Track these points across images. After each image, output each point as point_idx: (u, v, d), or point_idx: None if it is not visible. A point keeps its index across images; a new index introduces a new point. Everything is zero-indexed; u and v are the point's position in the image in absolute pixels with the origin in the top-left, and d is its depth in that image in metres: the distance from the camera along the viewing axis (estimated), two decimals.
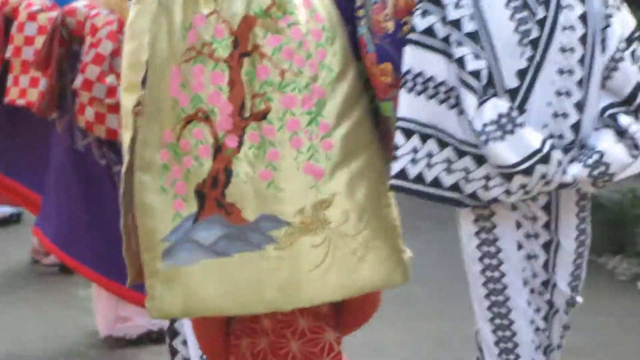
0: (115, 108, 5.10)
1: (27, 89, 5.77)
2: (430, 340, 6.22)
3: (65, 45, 5.39)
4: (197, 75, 3.64)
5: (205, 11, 3.62)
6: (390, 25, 3.76)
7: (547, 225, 3.89)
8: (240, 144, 3.63)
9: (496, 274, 3.90)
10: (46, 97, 5.53)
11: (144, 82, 3.74)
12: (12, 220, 8.62)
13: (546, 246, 3.89)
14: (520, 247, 3.87)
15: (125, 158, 3.81)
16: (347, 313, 3.96)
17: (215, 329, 3.90)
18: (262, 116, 3.64)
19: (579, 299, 3.89)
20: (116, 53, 5.18)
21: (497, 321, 3.92)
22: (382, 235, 3.79)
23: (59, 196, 5.87)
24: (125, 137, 3.89)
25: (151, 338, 5.97)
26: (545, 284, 3.94)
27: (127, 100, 3.96)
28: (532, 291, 3.93)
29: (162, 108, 3.70)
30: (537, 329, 3.96)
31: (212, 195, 3.60)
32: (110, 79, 5.22)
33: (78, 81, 5.38)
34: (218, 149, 3.62)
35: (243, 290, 3.68)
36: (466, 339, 4.27)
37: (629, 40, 3.87)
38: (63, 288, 7.03)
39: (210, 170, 3.60)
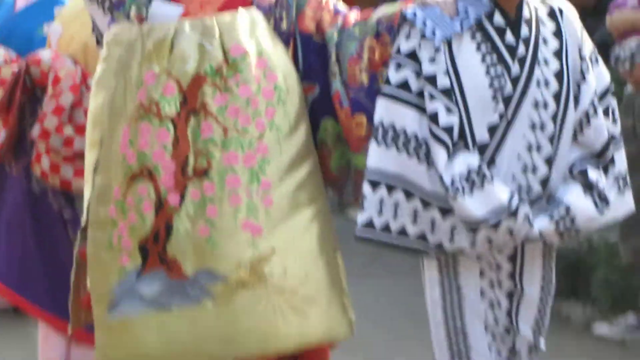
0: (72, 159, 5.29)
1: None
2: None
3: (28, 92, 5.44)
4: (143, 133, 3.76)
5: (156, 69, 3.75)
6: (364, 78, 3.88)
7: (511, 275, 3.93)
8: (182, 200, 3.76)
9: (458, 322, 3.93)
10: (4, 146, 5.53)
11: (101, 140, 3.85)
12: None
13: (510, 295, 3.93)
14: (483, 294, 3.89)
15: (84, 215, 3.92)
16: None
17: None
18: (203, 173, 3.77)
19: (542, 345, 3.93)
20: (77, 105, 5.26)
21: (448, 347, 3.97)
22: (325, 290, 3.89)
23: (11, 237, 5.82)
24: (86, 194, 3.97)
25: None
26: (507, 330, 3.97)
27: (88, 157, 4.02)
28: (493, 337, 3.94)
29: (113, 165, 3.80)
30: None
31: (154, 250, 3.71)
32: (68, 131, 5.27)
33: (36, 130, 5.41)
34: (160, 205, 3.74)
35: (183, 342, 3.82)
36: None
37: (603, 96, 3.97)
38: (19, 329, 7.11)
39: (153, 226, 3.72)
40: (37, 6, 6.12)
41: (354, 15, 4.17)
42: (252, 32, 4.00)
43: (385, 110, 3.76)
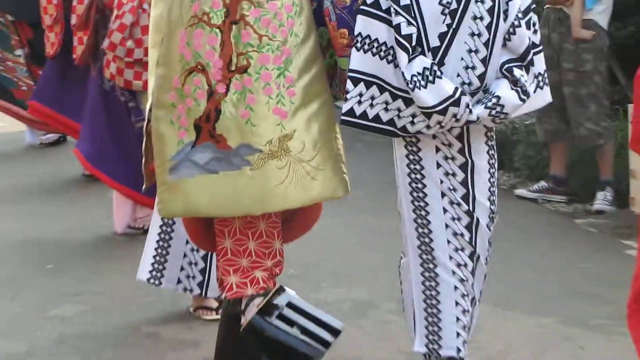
0: (132, 65, 6.51)
1: (76, 47, 6.97)
2: (367, 230, 7.01)
3: (100, 12, 6.62)
4: (197, 37, 4.31)
5: None
6: (348, 0, 4.46)
7: (461, 151, 4.45)
8: (227, 90, 4.30)
9: (419, 185, 4.48)
10: (85, 52, 6.81)
11: (162, 41, 4.40)
12: (59, 142, 10.04)
13: (463, 167, 4.46)
14: (439, 166, 4.43)
15: (149, 99, 4.49)
16: (296, 221, 4.66)
17: (203, 226, 4.64)
18: (244, 70, 4.33)
19: (497, 214, 4.48)
20: (135, 24, 6.33)
21: (419, 221, 4.47)
22: (329, 161, 4.48)
23: (92, 124, 6.98)
24: (150, 82, 4.53)
25: None
26: (464, 197, 4.49)
27: (151, 54, 4.56)
28: (450, 203, 4.47)
29: (172, 61, 4.35)
30: (455, 234, 4.50)
31: (206, 127, 4.28)
32: (129, 44, 6.37)
33: (105, 43, 6.46)
34: (211, 93, 4.30)
35: (225, 199, 4.38)
36: (396, 231, 4.67)
37: (526, 12, 4.45)
38: (99, 191, 7.86)
39: (205, 109, 4.26)
40: None
41: None
42: None
43: (362, 24, 4.23)
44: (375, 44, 4.27)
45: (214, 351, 4.75)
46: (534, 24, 4.48)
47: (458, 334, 4.58)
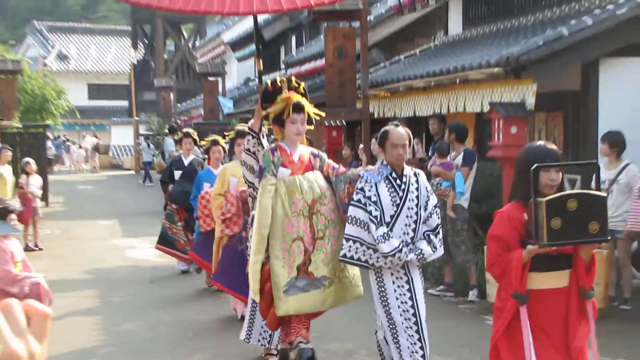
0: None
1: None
2: (357, 311, 8.85)
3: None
4: (299, 222, 6.46)
5: (299, 196, 6.54)
6: (346, 200, 6.59)
7: (405, 274, 6.28)
8: (314, 249, 6.44)
9: (383, 294, 6.29)
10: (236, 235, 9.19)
11: (270, 224, 6.39)
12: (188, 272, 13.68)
13: (408, 282, 6.25)
14: (393, 283, 6.26)
15: (259, 253, 6.42)
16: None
17: (277, 319, 6.56)
18: (321, 237, 6.49)
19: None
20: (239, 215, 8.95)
21: (383, 309, 6.24)
22: (350, 277, 6.65)
23: (224, 263, 9.13)
24: (261, 246, 6.44)
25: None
26: (410, 299, 6.20)
27: (261, 230, 6.42)
28: (400, 305, 6.21)
29: (280, 234, 6.42)
30: (405, 312, 6.17)
31: (302, 269, 6.41)
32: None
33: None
34: (305, 251, 6.42)
35: (312, 304, 6.46)
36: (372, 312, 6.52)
37: (434, 207, 6.33)
38: (224, 297, 11.01)
39: (303, 260, 6.42)
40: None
41: (341, 169, 6.89)
42: (321, 178, 6.67)
43: (351, 210, 6.14)
44: (358, 221, 6.21)
45: None
46: (438, 213, 6.47)
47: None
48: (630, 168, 9.81)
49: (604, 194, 4.97)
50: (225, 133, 10.41)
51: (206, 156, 12.09)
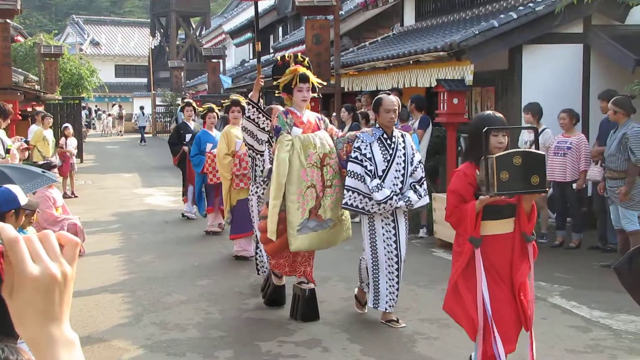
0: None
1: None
2: (349, 246, 7.76)
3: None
4: (312, 172, 6.33)
5: (312, 150, 6.37)
6: (344, 156, 6.48)
7: (393, 220, 6.32)
8: (323, 194, 6.34)
9: (372, 235, 6.34)
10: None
11: (287, 173, 6.24)
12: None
13: (394, 227, 6.33)
14: (382, 227, 6.31)
15: (283, 199, 6.26)
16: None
17: (283, 255, 6.52)
18: (330, 186, 6.37)
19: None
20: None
21: (371, 245, 6.34)
22: (346, 221, 6.58)
23: (240, 216, 9.04)
24: (279, 191, 6.28)
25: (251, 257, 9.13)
26: (394, 236, 6.28)
27: (279, 178, 6.28)
28: (386, 247, 6.27)
29: (297, 181, 6.28)
30: (389, 251, 6.28)
31: (314, 212, 6.33)
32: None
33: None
34: (317, 197, 6.33)
35: (320, 241, 6.42)
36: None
37: (419, 162, 6.36)
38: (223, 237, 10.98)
39: (315, 204, 6.32)
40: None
41: (340, 133, 6.86)
42: (328, 137, 6.57)
43: (350, 165, 6.16)
44: (355, 174, 6.26)
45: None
46: (422, 167, 6.45)
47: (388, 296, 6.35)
48: (546, 131, 10.01)
49: (543, 153, 4.86)
50: (222, 102, 10.28)
51: (202, 120, 11.99)
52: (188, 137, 12.92)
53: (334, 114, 14.56)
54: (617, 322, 6.60)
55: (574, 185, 9.69)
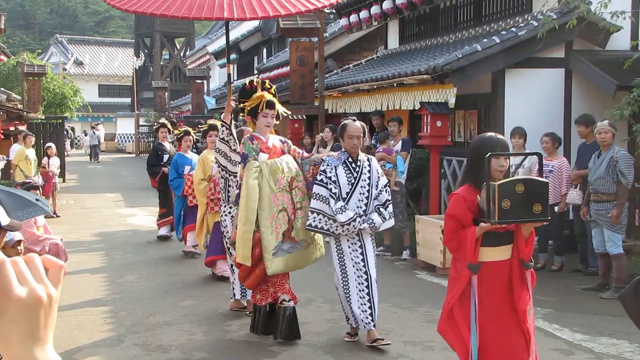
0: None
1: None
2: (321, 269, 8.01)
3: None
4: (283, 196, 6.46)
5: (281, 175, 6.44)
6: (310, 178, 6.63)
7: (359, 240, 6.38)
8: (295, 217, 6.49)
9: (340, 256, 6.46)
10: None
11: (259, 198, 6.28)
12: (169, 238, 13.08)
13: (361, 247, 6.36)
14: (348, 247, 6.40)
15: (245, 222, 6.29)
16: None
17: (263, 278, 6.43)
18: (300, 208, 6.52)
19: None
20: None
21: (340, 266, 6.42)
22: (317, 240, 6.69)
23: (216, 238, 9.01)
24: (251, 216, 6.30)
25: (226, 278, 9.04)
26: (362, 257, 6.33)
27: (250, 204, 6.33)
28: (354, 265, 6.32)
29: (268, 207, 6.37)
30: (358, 270, 6.31)
31: (287, 234, 6.43)
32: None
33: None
34: (289, 220, 6.44)
35: (295, 263, 6.52)
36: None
37: (384, 186, 6.44)
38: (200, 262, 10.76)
39: (288, 227, 6.41)
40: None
41: (305, 154, 6.86)
42: (293, 160, 6.63)
43: (316, 188, 6.32)
44: (320, 197, 6.37)
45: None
46: (387, 190, 6.55)
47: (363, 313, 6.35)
48: (532, 156, 9.73)
49: (546, 180, 4.74)
50: (199, 126, 10.32)
51: (178, 143, 12.03)
52: (166, 157, 12.96)
53: (320, 134, 14.54)
54: (599, 346, 6.63)
55: (556, 209, 9.69)
